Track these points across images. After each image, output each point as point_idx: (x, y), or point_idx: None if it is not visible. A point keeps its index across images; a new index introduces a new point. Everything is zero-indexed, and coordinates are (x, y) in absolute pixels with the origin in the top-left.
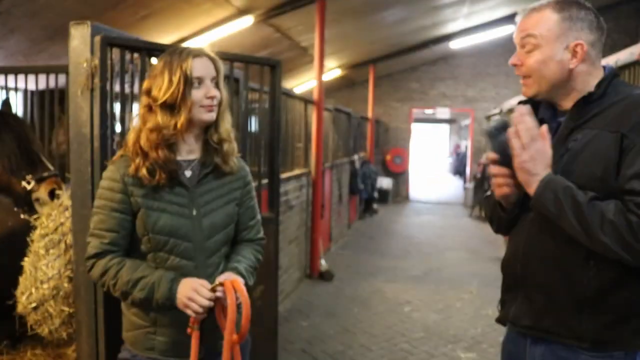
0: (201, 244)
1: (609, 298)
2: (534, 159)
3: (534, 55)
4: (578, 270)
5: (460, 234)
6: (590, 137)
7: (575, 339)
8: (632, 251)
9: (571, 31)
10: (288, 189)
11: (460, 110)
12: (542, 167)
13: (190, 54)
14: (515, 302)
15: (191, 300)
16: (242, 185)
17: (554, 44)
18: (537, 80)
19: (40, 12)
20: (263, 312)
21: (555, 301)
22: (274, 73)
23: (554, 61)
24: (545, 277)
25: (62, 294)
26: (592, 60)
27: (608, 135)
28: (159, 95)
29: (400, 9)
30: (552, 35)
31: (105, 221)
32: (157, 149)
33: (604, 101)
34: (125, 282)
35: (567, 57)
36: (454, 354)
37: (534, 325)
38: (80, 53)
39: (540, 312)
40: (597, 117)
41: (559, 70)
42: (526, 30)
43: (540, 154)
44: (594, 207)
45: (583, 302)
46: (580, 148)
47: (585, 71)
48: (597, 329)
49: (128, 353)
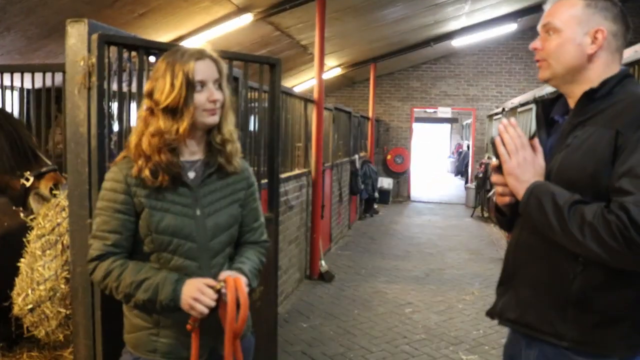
0: (205, 244)
1: (595, 298)
2: (520, 166)
3: (554, 39)
4: (565, 266)
5: (462, 235)
6: (589, 134)
7: (555, 337)
8: (612, 252)
9: (594, 17)
10: (288, 189)
11: (461, 109)
12: (530, 174)
13: (192, 56)
14: (505, 295)
15: (197, 300)
16: (245, 186)
17: (574, 27)
18: (554, 63)
19: (36, 9)
20: (262, 314)
21: (540, 296)
22: (273, 72)
23: (572, 44)
24: (533, 271)
25: (58, 295)
26: (611, 51)
27: (604, 132)
28: (161, 99)
29: (402, 7)
30: (574, 19)
31: (108, 222)
32: (160, 152)
33: (609, 100)
34: (129, 284)
35: (587, 42)
36: (456, 356)
37: (517, 319)
38: (77, 51)
39: (525, 306)
40: (600, 115)
41: (577, 54)
42: (549, 16)
43: (527, 162)
44: (575, 211)
45: (567, 299)
46: (579, 144)
47: (602, 62)
48: (580, 329)
49: (130, 356)
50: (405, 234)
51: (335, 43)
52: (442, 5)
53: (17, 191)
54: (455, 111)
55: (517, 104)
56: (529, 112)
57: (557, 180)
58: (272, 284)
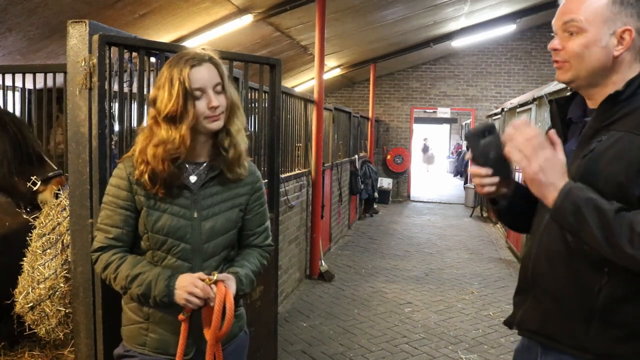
0: (199, 246)
1: (621, 310)
2: (543, 170)
3: (577, 39)
4: (590, 277)
5: (461, 234)
6: (616, 138)
7: (579, 350)
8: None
9: (620, 16)
10: (288, 188)
11: (461, 110)
12: (555, 175)
13: (188, 63)
14: (524, 305)
15: (191, 294)
16: (249, 191)
17: (600, 27)
18: (576, 65)
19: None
20: (263, 313)
21: (563, 307)
22: (273, 72)
23: (598, 46)
24: (555, 282)
25: (58, 294)
26: (636, 50)
27: (635, 138)
28: (162, 108)
29: (401, 8)
30: (600, 18)
31: (111, 217)
32: (163, 163)
33: (633, 102)
34: (124, 277)
35: (613, 44)
36: (455, 355)
37: (539, 331)
38: (78, 52)
39: (547, 317)
40: (626, 118)
41: (603, 56)
42: (570, 13)
43: (549, 163)
44: (622, 219)
45: (592, 312)
46: (604, 150)
47: (627, 62)
48: (605, 342)
49: (122, 348)
50: (405, 234)
51: (335, 44)
52: (442, 6)
53: (23, 194)
54: (455, 111)
55: (517, 104)
56: (528, 112)
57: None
58: (272, 283)
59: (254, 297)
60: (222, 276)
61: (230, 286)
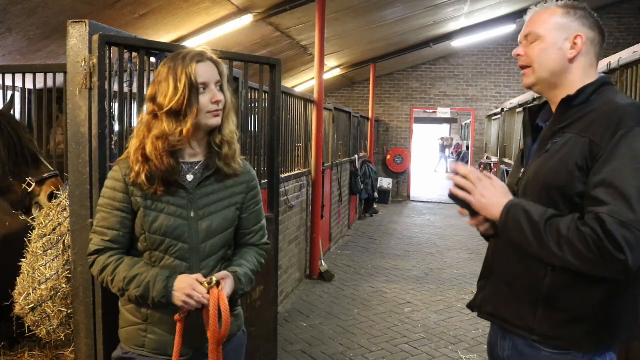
0: (196, 246)
1: (563, 296)
2: (485, 196)
3: (536, 45)
4: (537, 264)
5: (461, 234)
6: (566, 140)
7: (527, 331)
8: (588, 263)
9: (573, 24)
10: (288, 188)
11: (461, 110)
12: (496, 197)
13: (194, 59)
14: (484, 289)
15: (190, 297)
16: (245, 190)
17: (555, 34)
18: (537, 67)
19: (37, 10)
20: (263, 313)
21: (514, 292)
22: (273, 72)
23: (554, 49)
24: (509, 268)
25: (60, 294)
26: (589, 58)
27: (579, 139)
28: (164, 103)
29: (401, 8)
30: (555, 26)
31: (107, 219)
32: (162, 157)
33: (586, 107)
34: (122, 279)
35: (567, 47)
36: (455, 355)
37: (494, 313)
38: (78, 52)
39: (501, 300)
40: (578, 122)
41: (558, 58)
42: (531, 26)
43: (488, 189)
44: (551, 226)
45: (538, 296)
46: (555, 151)
47: (581, 67)
48: (550, 324)
49: (120, 351)
50: (405, 234)
51: (335, 44)
52: (442, 6)
53: (18, 195)
54: (455, 111)
55: (516, 104)
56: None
57: (533, 184)
58: (272, 283)
59: (254, 297)
60: (220, 275)
61: (225, 287)
